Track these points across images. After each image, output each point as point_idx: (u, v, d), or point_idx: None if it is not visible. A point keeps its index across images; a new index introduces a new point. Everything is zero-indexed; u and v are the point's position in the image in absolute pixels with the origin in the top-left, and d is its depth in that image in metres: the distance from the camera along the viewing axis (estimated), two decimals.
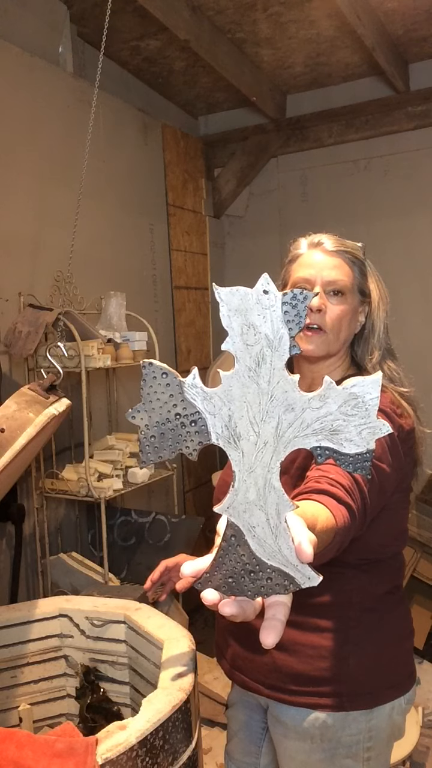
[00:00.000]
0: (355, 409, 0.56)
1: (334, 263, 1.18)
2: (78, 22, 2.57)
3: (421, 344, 3.21)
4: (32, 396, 1.34)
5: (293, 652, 1.14)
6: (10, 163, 2.20)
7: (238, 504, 0.57)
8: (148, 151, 3.02)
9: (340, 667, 1.13)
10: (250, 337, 0.56)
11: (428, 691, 2.50)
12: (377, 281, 1.24)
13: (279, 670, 1.16)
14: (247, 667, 1.21)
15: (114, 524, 2.45)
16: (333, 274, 1.17)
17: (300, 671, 1.14)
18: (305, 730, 1.15)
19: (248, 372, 0.56)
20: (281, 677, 1.16)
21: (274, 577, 0.57)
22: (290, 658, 1.14)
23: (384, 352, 1.22)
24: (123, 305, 2.47)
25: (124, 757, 1.00)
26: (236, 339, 0.56)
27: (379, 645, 1.17)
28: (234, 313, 0.55)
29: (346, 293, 1.18)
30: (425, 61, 3.05)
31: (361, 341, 1.23)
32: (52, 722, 1.55)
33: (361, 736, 1.16)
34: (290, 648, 1.14)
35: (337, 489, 0.89)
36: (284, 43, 2.78)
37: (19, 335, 2.06)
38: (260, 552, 0.56)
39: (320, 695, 1.13)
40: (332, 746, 1.16)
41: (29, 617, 1.53)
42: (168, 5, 2.30)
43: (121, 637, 1.50)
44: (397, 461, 1.09)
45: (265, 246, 3.55)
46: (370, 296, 1.22)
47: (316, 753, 1.16)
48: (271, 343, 0.56)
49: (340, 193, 3.37)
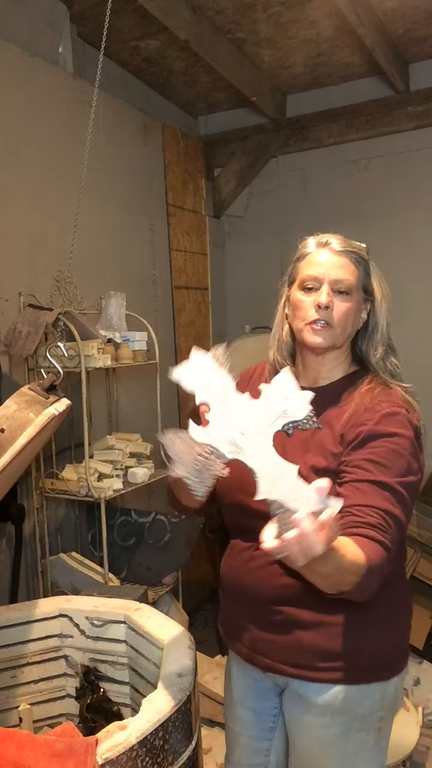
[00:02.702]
0: (286, 392, 0.91)
1: (341, 263, 1.24)
2: (78, 22, 2.57)
3: (421, 343, 3.21)
4: (32, 396, 1.34)
5: (318, 631, 1.20)
6: (10, 163, 2.20)
7: (267, 486, 0.85)
8: (148, 151, 3.02)
9: (362, 642, 1.20)
10: (211, 390, 0.89)
11: (428, 691, 2.50)
12: (380, 280, 1.29)
13: (304, 649, 1.21)
14: (269, 649, 1.24)
15: (114, 524, 2.45)
16: (340, 273, 1.23)
17: (324, 648, 1.20)
18: (327, 704, 1.21)
19: (222, 408, 0.89)
20: (307, 655, 1.21)
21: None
22: (315, 636, 1.20)
23: (387, 348, 1.29)
24: (123, 305, 2.47)
25: (124, 757, 1.00)
26: (202, 395, 0.90)
27: (394, 618, 1.26)
28: (192, 378, 0.90)
29: (351, 291, 1.23)
30: (425, 61, 3.05)
31: (365, 338, 1.29)
32: (52, 722, 1.55)
33: (375, 707, 1.23)
34: (315, 627, 1.20)
35: (369, 530, 1.06)
36: (284, 43, 2.78)
37: (19, 335, 2.06)
38: (297, 505, 0.83)
39: (344, 669, 1.20)
40: (348, 719, 1.22)
41: (29, 617, 1.53)
42: (168, 5, 2.30)
43: (121, 637, 1.50)
44: (419, 463, 1.17)
45: (265, 246, 3.55)
46: (373, 294, 1.28)
47: (333, 727, 1.22)
48: (225, 390, 0.90)
49: (340, 193, 3.36)
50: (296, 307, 1.25)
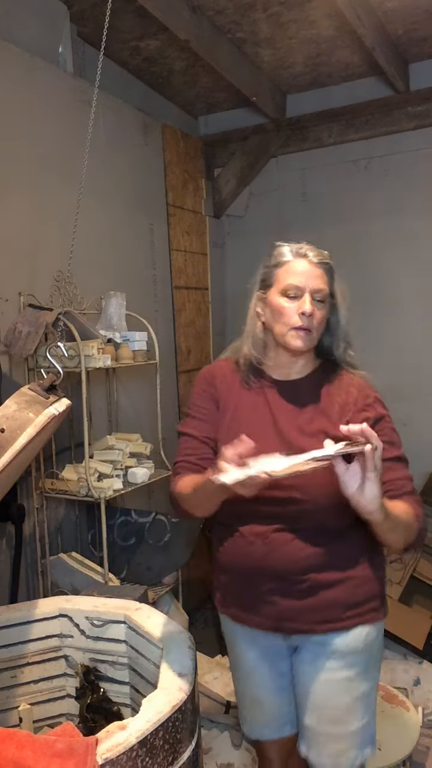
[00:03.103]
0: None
1: (318, 273, 1.39)
2: (78, 22, 2.57)
3: (420, 343, 3.22)
4: (32, 396, 1.34)
5: (340, 588, 1.38)
6: (10, 163, 2.20)
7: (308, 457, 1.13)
8: (148, 151, 3.02)
9: (372, 586, 1.42)
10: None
11: (428, 690, 2.49)
12: (340, 283, 1.46)
13: (331, 606, 1.38)
14: (299, 614, 1.39)
15: (114, 524, 2.45)
16: (318, 284, 1.38)
17: (347, 600, 1.39)
18: (350, 649, 1.40)
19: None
20: (334, 611, 1.38)
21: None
22: (339, 592, 1.38)
23: (346, 342, 1.48)
24: (123, 305, 2.47)
25: (124, 757, 1.00)
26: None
27: (383, 562, 1.49)
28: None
29: (325, 300, 1.40)
30: (425, 61, 3.05)
31: (329, 335, 1.46)
32: (52, 722, 1.55)
33: (381, 644, 1.47)
34: (337, 585, 1.38)
35: (408, 495, 1.34)
36: (284, 43, 2.78)
37: (19, 335, 2.06)
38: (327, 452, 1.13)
39: (363, 614, 1.40)
40: (365, 658, 1.41)
41: (29, 617, 1.53)
42: (168, 5, 2.30)
43: (121, 637, 1.50)
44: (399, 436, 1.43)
45: (265, 246, 3.51)
46: (335, 297, 1.44)
47: (355, 667, 1.40)
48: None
49: (340, 193, 3.36)
50: (279, 313, 1.39)
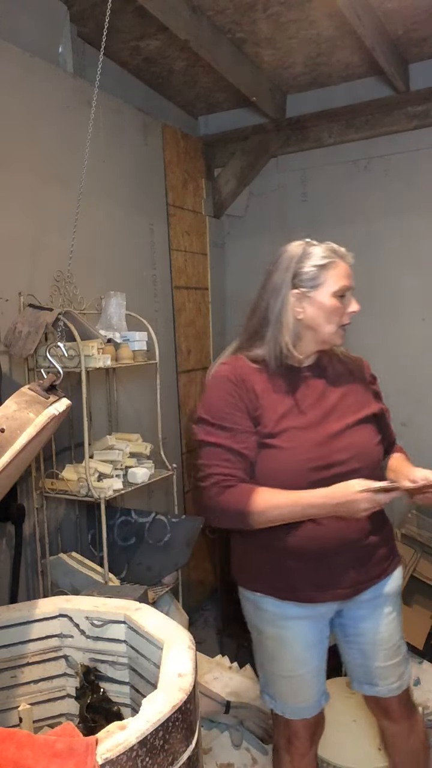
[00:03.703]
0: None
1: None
2: (78, 22, 2.57)
3: (420, 343, 3.22)
4: (32, 396, 1.34)
5: (383, 541, 1.58)
6: (10, 163, 2.20)
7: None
8: (148, 151, 3.02)
9: (391, 534, 1.65)
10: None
11: (428, 690, 2.49)
12: None
13: (381, 560, 1.58)
14: (369, 576, 1.56)
15: (114, 524, 2.45)
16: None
17: (387, 551, 1.60)
18: (395, 586, 1.62)
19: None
20: (382, 563, 1.59)
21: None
22: (381, 547, 1.58)
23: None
24: (123, 305, 2.47)
25: (124, 757, 1.00)
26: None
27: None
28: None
29: None
30: (425, 61, 3.05)
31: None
32: (52, 722, 1.55)
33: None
34: (380, 541, 1.57)
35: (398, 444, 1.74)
36: (284, 43, 2.78)
37: (19, 335, 2.06)
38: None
39: (394, 557, 1.64)
40: (398, 597, 1.63)
41: (29, 617, 1.53)
42: (168, 5, 2.30)
43: (121, 637, 1.50)
44: None
45: (265, 246, 3.54)
46: None
47: (397, 604, 1.62)
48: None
49: (340, 193, 3.36)
50: (333, 313, 1.49)
